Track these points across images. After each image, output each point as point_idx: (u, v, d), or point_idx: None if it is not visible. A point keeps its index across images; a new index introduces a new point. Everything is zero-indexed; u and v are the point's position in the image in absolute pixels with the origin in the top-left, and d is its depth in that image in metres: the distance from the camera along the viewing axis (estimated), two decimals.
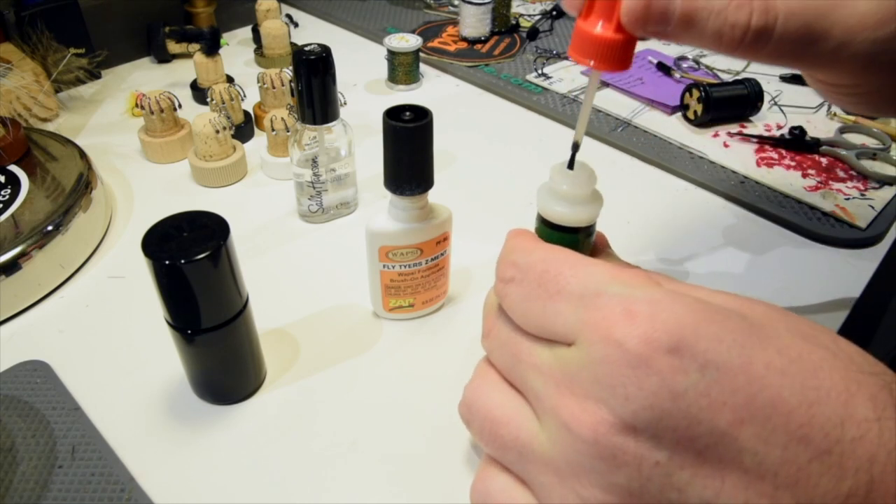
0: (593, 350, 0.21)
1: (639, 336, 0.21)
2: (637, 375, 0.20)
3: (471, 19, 0.73)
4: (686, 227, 0.48)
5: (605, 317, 0.22)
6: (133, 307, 0.41)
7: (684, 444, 0.20)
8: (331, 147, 0.45)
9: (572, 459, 0.22)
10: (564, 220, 0.28)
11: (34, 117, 0.58)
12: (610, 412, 0.21)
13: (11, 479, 0.31)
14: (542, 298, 0.24)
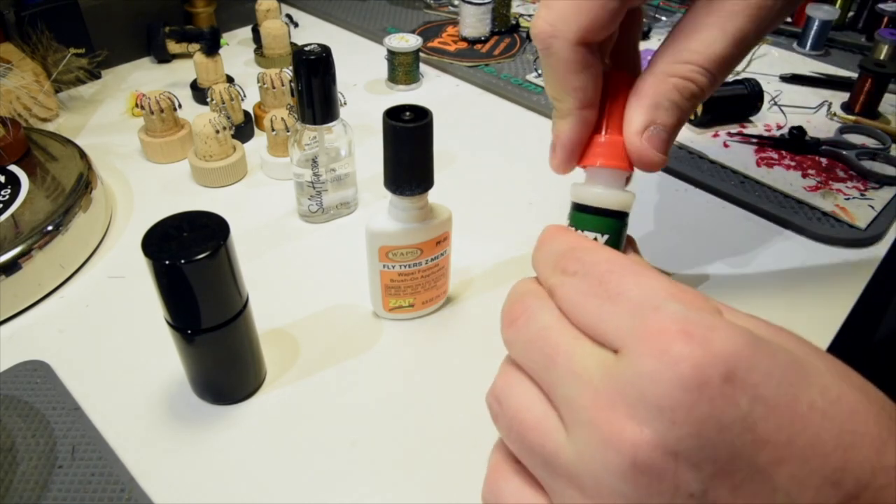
0: (643, 363, 0.21)
1: (694, 359, 0.20)
2: (687, 400, 0.20)
3: (471, 19, 0.73)
4: (686, 227, 0.48)
5: (661, 331, 0.21)
6: (133, 307, 0.41)
7: (721, 477, 0.20)
8: (331, 147, 0.45)
9: (601, 478, 0.21)
10: (607, 202, 0.29)
11: (34, 117, 0.58)
12: (654, 434, 0.20)
13: (11, 479, 0.31)
14: (600, 297, 0.23)
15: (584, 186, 0.29)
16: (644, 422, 0.20)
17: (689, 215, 0.50)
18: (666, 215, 0.50)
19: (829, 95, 0.66)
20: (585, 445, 0.21)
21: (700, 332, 0.20)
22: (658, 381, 0.20)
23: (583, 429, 0.22)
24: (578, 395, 0.22)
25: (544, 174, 0.45)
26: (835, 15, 0.74)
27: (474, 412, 0.35)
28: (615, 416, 0.21)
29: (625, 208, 0.29)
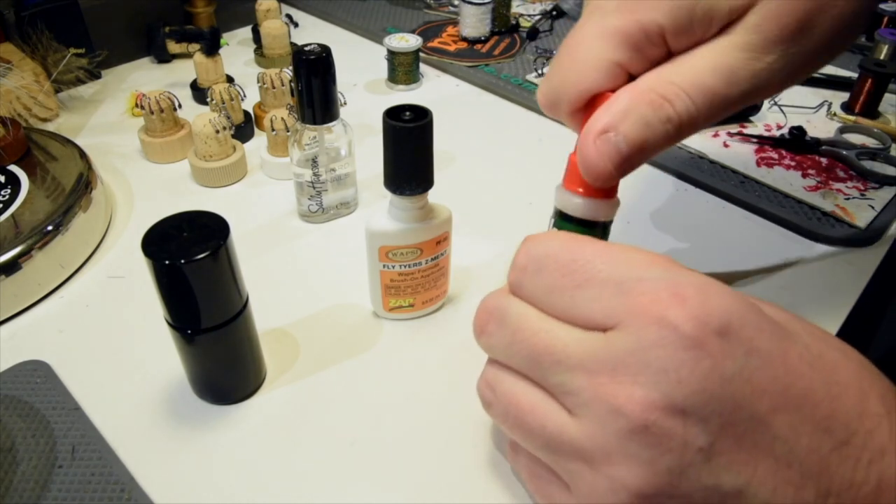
0: (643, 333, 0.21)
1: (692, 318, 0.21)
2: (690, 358, 0.20)
3: (471, 19, 0.73)
4: (686, 227, 0.48)
5: (655, 300, 0.21)
6: (133, 307, 0.41)
7: (727, 429, 0.21)
8: (331, 147, 0.45)
9: (612, 446, 0.22)
10: (584, 212, 0.30)
11: (34, 117, 0.58)
12: (661, 395, 0.21)
13: (11, 479, 0.31)
14: (569, 287, 0.24)
15: (567, 194, 0.30)
16: (650, 386, 0.21)
17: (689, 215, 0.50)
18: (666, 215, 0.50)
19: (829, 95, 0.66)
20: (592, 420, 0.22)
21: (692, 293, 0.22)
22: (660, 345, 0.21)
23: (586, 407, 0.22)
24: (571, 379, 0.23)
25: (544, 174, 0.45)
26: None
27: (474, 412, 0.35)
28: (620, 387, 0.21)
29: (605, 219, 0.30)
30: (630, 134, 0.27)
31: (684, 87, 0.26)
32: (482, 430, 0.34)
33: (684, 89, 0.26)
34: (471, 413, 0.35)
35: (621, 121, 0.27)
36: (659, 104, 0.26)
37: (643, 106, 0.26)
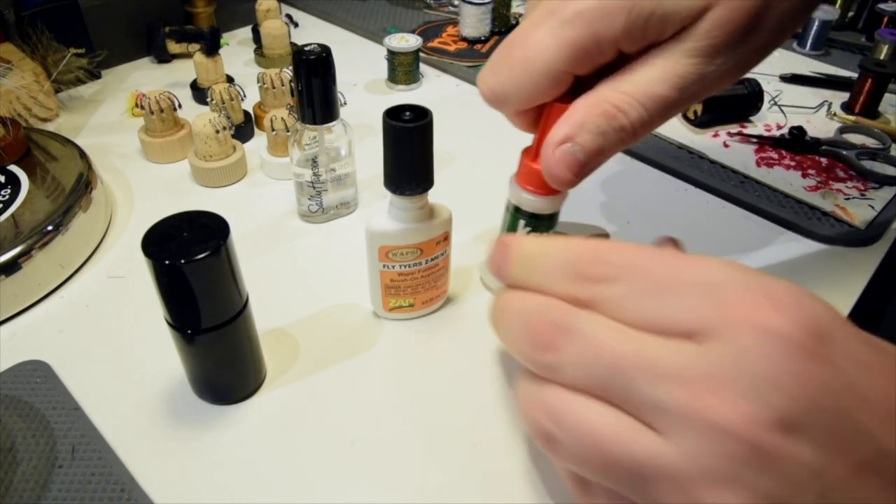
0: (742, 341, 0.19)
1: (793, 327, 0.19)
2: (798, 369, 0.19)
3: (471, 19, 0.73)
4: (686, 227, 0.48)
5: (754, 305, 0.20)
6: (133, 307, 0.41)
7: (835, 444, 0.19)
8: (331, 147, 0.45)
9: (714, 467, 0.19)
10: (540, 208, 0.35)
11: (34, 117, 0.58)
12: (771, 410, 0.19)
13: (11, 479, 0.31)
14: (658, 291, 0.21)
15: (522, 191, 0.34)
16: (757, 398, 0.19)
17: (689, 215, 0.50)
18: (666, 215, 0.50)
19: (829, 95, 0.66)
20: (689, 440, 0.20)
21: (787, 300, 0.20)
22: (764, 355, 0.19)
23: (683, 424, 0.20)
24: (666, 392, 0.20)
25: None
26: (835, 15, 0.74)
27: (474, 412, 0.35)
28: (720, 401, 0.19)
29: (557, 210, 0.35)
30: (587, 144, 0.28)
31: (637, 97, 0.27)
32: (482, 430, 0.34)
33: (637, 99, 0.27)
34: (471, 413, 0.35)
35: (578, 132, 0.28)
36: (613, 114, 0.28)
37: (598, 117, 0.28)
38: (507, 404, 0.35)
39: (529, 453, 0.33)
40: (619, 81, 0.28)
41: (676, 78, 0.27)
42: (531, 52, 0.28)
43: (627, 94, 0.27)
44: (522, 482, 0.31)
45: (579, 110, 0.28)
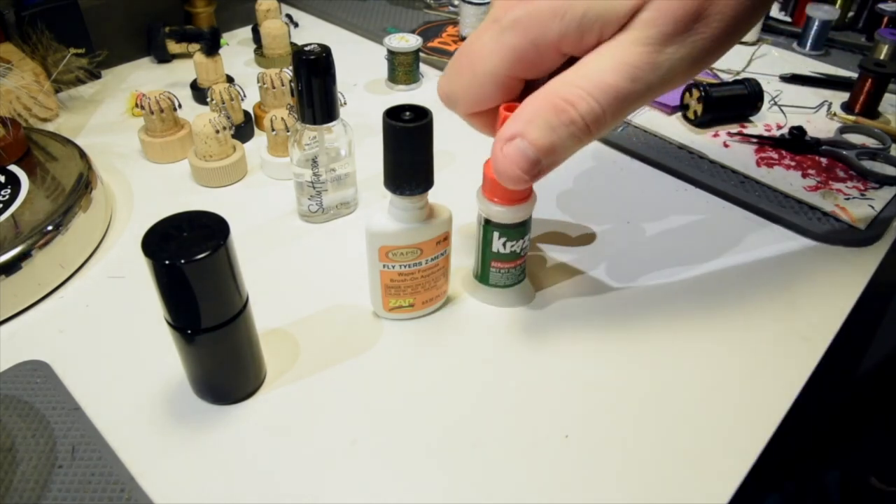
0: None
1: None
2: None
3: (471, 19, 0.73)
4: (686, 226, 0.48)
5: None
6: (133, 307, 0.41)
7: None
8: (331, 147, 0.45)
9: None
10: (507, 218, 0.37)
11: (34, 117, 0.58)
12: None
13: (11, 479, 0.31)
14: None
15: (489, 203, 0.37)
16: None
17: (688, 215, 0.50)
18: (666, 215, 0.50)
19: (829, 95, 0.66)
20: None
21: None
22: None
23: None
24: None
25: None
26: (835, 15, 0.74)
27: (474, 412, 0.35)
28: None
29: (525, 218, 0.37)
30: (537, 140, 0.28)
31: (587, 89, 0.27)
32: (482, 430, 0.34)
33: (587, 91, 0.27)
34: (470, 413, 0.35)
35: (526, 128, 0.28)
36: (562, 108, 0.27)
37: (547, 111, 0.27)
38: (507, 404, 0.35)
39: (529, 453, 0.33)
40: (569, 75, 0.28)
41: (627, 66, 0.26)
42: (476, 58, 0.30)
43: (576, 86, 0.27)
44: (522, 482, 0.32)
45: (527, 106, 0.28)
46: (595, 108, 0.27)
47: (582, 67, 0.27)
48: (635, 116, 0.61)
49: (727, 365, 0.38)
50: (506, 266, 0.40)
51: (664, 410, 0.35)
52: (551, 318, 0.41)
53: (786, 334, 0.40)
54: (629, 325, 0.40)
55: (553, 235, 0.47)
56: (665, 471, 0.32)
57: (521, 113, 0.28)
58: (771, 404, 0.35)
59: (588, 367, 0.37)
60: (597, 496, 0.31)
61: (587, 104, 0.27)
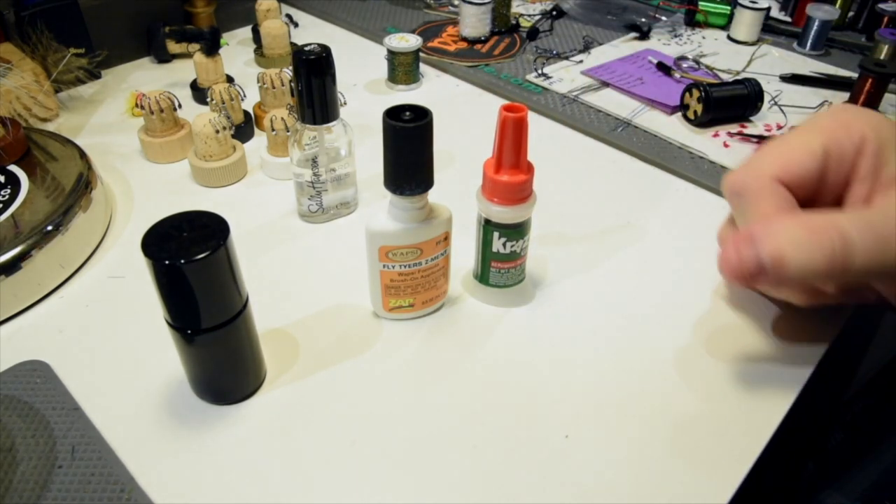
0: None
1: None
2: None
3: (471, 19, 0.73)
4: (686, 227, 0.48)
5: None
6: (133, 307, 0.41)
7: None
8: (331, 147, 0.45)
9: None
10: (509, 219, 0.37)
11: (34, 117, 0.58)
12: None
13: (11, 479, 0.31)
14: None
15: (489, 203, 0.37)
16: None
17: (689, 215, 0.50)
18: (666, 215, 0.50)
19: (829, 95, 0.66)
20: None
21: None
22: None
23: None
24: None
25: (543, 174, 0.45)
26: (835, 15, 0.74)
27: (474, 412, 0.35)
28: None
29: (526, 218, 0.38)
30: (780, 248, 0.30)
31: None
32: (482, 430, 0.34)
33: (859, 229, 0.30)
34: (471, 413, 0.35)
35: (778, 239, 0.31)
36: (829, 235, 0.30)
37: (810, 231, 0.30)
38: (507, 404, 0.35)
39: (529, 454, 0.33)
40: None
41: None
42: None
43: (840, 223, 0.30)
44: (522, 482, 0.32)
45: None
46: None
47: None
48: (635, 116, 0.61)
49: (728, 365, 0.38)
50: (506, 266, 0.40)
51: (664, 410, 0.35)
52: (551, 318, 0.41)
53: (787, 333, 0.40)
54: (629, 325, 0.40)
55: (553, 235, 0.47)
56: (665, 471, 0.32)
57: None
58: (772, 405, 0.35)
59: (588, 367, 0.37)
60: (597, 496, 0.31)
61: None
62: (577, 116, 0.61)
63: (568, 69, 0.69)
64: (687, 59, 0.71)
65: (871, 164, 0.33)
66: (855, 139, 0.34)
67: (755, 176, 0.34)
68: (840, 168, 0.34)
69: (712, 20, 0.80)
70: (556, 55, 0.72)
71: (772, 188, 0.33)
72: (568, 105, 0.63)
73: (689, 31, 0.80)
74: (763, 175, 0.34)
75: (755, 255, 0.30)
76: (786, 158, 0.34)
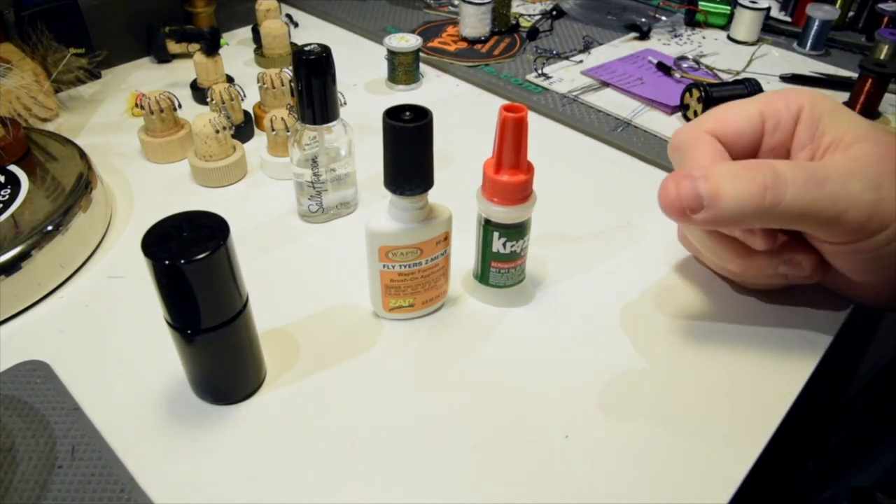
0: None
1: None
2: None
3: (471, 19, 0.73)
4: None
5: None
6: (133, 307, 0.41)
7: None
8: (331, 147, 0.45)
9: None
10: (509, 219, 0.37)
11: (34, 117, 0.58)
12: None
13: (11, 479, 0.31)
14: None
15: (489, 203, 0.37)
16: None
17: None
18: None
19: (829, 95, 0.66)
20: None
21: None
22: None
23: None
24: None
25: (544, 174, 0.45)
26: (835, 15, 0.74)
27: (474, 412, 0.35)
28: None
29: (526, 219, 0.38)
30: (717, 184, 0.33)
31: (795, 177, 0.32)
32: (482, 430, 0.34)
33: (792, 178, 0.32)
34: (471, 413, 0.35)
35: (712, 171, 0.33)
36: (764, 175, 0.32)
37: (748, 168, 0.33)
38: (507, 404, 0.35)
39: (529, 454, 0.33)
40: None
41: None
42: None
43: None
44: (522, 482, 0.31)
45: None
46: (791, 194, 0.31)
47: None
48: (635, 116, 0.61)
49: (728, 365, 0.38)
50: (506, 266, 0.40)
51: (665, 410, 0.35)
52: (551, 318, 0.41)
53: (787, 333, 0.40)
54: (630, 325, 0.40)
55: (553, 235, 0.47)
56: (665, 471, 0.32)
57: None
58: (772, 405, 0.35)
59: (588, 367, 0.37)
60: (596, 496, 0.31)
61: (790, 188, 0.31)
62: (577, 116, 0.61)
63: (568, 69, 0.69)
64: (687, 59, 0.71)
65: (809, 133, 0.35)
66: (793, 109, 0.36)
67: (693, 131, 0.37)
68: (777, 134, 0.36)
69: (712, 20, 0.80)
70: (556, 55, 0.72)
71: (707, 140, 0.36)
72: (568, 105, 0.63)
73: (689, 31, 0.80)
74: (700, 130, 0.37)
75: (693, 187, 0.32)
76: (723, 118, 0.37)
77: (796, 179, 0.31)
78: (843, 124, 0.34)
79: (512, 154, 0.35)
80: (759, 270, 0.37)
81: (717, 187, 0.31)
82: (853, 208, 0.31)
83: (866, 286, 0.37)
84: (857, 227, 0.32)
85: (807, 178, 0.31)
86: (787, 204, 0.31)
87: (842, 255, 0.35)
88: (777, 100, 0.36)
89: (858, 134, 0.34)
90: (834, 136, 0.34)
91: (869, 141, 0.33)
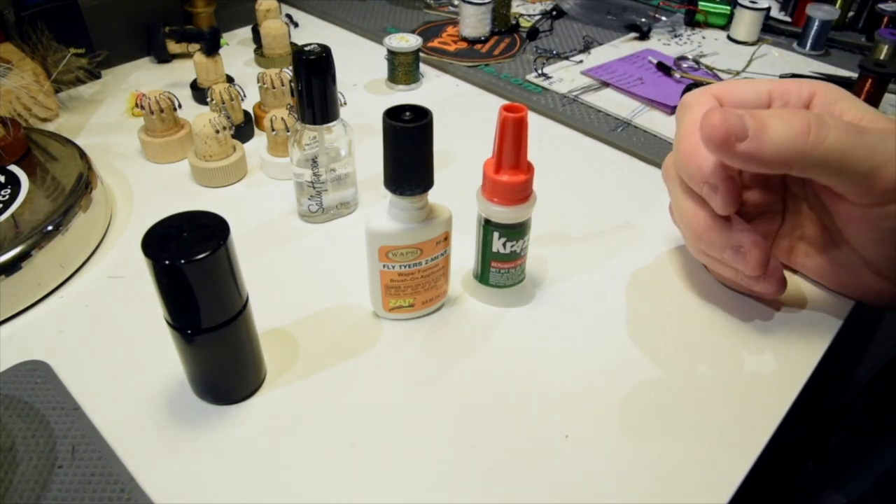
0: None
1: None
2: None
3: (471, 19, 0.73)
4: None
5: None
6: (133, 307, 0.41)
7: None
8: (331, 147, 0.45)
9: None
10: (510, 219, 0.37)
11: (34, 117, 0.58)
12: None
13: (11, 479, 0.31)
14: None
15: (489, 204, 0.37)
16: None
17: None
18: (666, 215, 0.50)
19: None
20: None
21: None
22: None
23: None
24: None
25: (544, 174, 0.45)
26: (835, 15, 0.74)
27: (474, 412, 0.35)
28: None
29: (526, 219, 0.38)
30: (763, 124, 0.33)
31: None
32: (482, 430, 0.34)
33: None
34: (471, 413, 0.35)
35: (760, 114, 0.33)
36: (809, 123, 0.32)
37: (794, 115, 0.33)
38: (507, 404, 0.35)
39: (529, 454, 0.33)
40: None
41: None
42: None
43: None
44: (522, 482, 0.32)
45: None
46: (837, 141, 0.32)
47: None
48: (635, 116, 0.61)
49: (727, 366, 0.38)
50: (506, 266, 0.40)
51: (665, 410, 0.35)
52: (551, 318, 0.41)
53: (787, 333, 0.40)
54: (630, 326, 0.40)
55: (553, 235, 0.47)
56: (665, 471, 0.32)
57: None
58: (771, 405, 0.35)
59: (588, 367, 0.37)
60: (597, 496, 0.31)
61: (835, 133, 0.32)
62: (577, 116, 0.61)
63: (568, 69, 0.69)
64: (687, 59, 0.71)
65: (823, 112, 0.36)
66: (804, 94, 0.37)
67: (701, 92, 0.39)
68: None
69: (712, 20, 0.80)
70: (556, 55, 0.72)
71: (713, 101, 0.38)
72: (568, 105, 0.63)
73: (689, 31, 0.80)
74: (707, 92, 0.38)
75: (740, 116, 0.32)
76: (732, 87, 0.39)
77: (838, 126, 0.32)
78: (860, 109, 0.36)
79: (512, 154, 0.35)
80: (711, 242, 0.37)
81: (764, 121, 0.32)
82: (890, 163, 0.32)
83: (876, 272, 0.38)
84: (890, 187, 0.32)
85: (847, 125, 0.32)
86: (827, 145, 0.32)
87: (867, 220, 0.35)
88: (790, 84, 0.38)
89: (877, 117, 0.35)
90: (853, 115, 0.35)
91: (890, 122, 0.34)
